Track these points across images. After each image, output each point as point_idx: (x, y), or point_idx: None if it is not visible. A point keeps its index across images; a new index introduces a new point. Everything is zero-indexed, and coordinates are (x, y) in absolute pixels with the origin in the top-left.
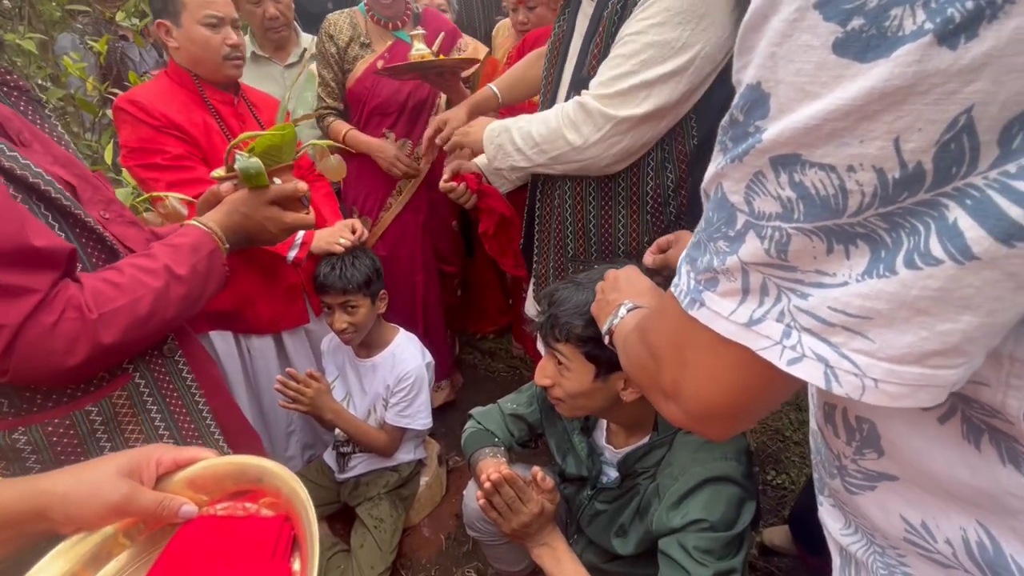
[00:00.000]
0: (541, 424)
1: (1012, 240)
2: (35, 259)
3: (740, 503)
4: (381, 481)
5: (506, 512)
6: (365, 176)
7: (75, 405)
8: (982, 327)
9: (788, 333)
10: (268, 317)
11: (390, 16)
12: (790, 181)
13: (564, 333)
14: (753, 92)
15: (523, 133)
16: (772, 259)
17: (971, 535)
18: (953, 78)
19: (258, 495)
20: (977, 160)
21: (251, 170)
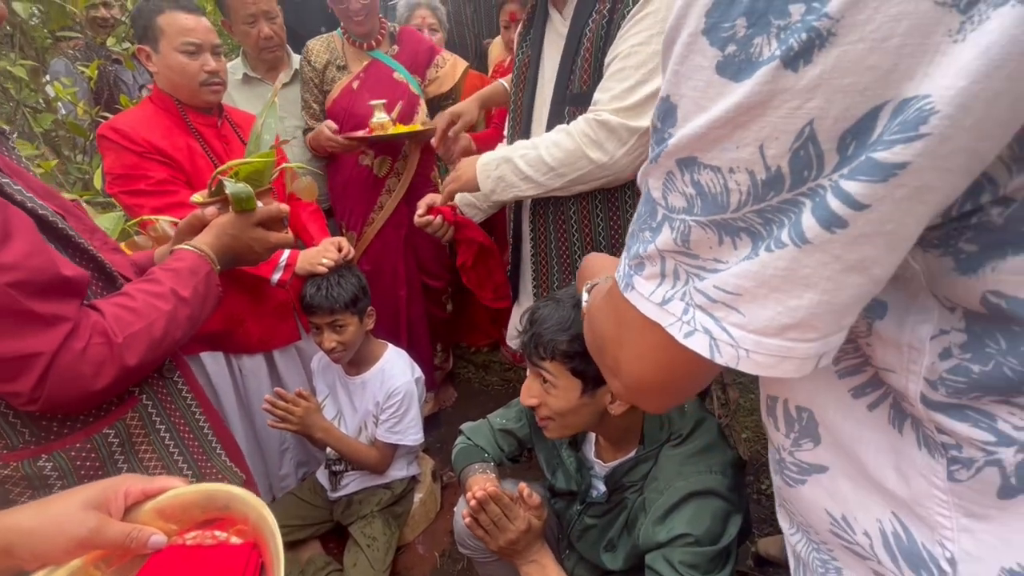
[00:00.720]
0: (531, 439)
1: (832, 227)
2: (65, 288)
3: (726, 517)
4: (374, 499)
5: (492, 530)
6: (349, 192)
7: (94, 429)
8: (822, 304)
9: (687, 310)
10: (259, 336)
11: (363, 35)
12: (691, 180)
13: (549, 351)
14: (665, 104)
15: (530, 160)
16: (679, 247)
17: (887, 527)
18: (797, 96)
19: (228, 523)
20: (822, 165)
21: (242, 195)
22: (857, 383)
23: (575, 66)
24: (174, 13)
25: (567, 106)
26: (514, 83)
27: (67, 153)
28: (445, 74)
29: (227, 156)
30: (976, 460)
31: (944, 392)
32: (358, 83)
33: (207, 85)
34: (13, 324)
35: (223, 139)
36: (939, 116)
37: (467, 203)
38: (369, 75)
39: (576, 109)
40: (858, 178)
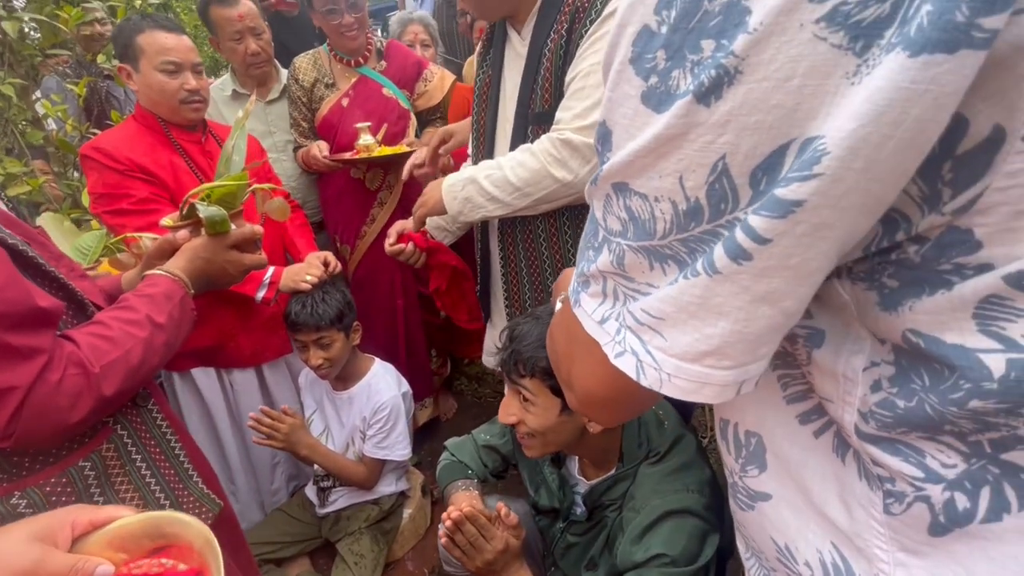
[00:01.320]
0: (514, 455)
1: (738, 259)
2: (40, 319)
3: (703, 536)
4: (362, 515)
5: (469, 550)
6: (342, 205)
7: (69, 462)
8: (735, 334)
9: (619, 330)
10: (251, 349)
11: (353, 50)
12: (624, 204)
13: (529, 368)
14: (602, 128)
15: (495, 180)
16: (615, 269)
17: (827, 557)
18: (709, 131)
19: (176, 551)
20: (737, 199)
21: (216, 218)
22: (803, 409)
23: (536, 85)
24: (154, 32)
25: (530, 125)
26: (476, 103)
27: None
28: (434, 87)
29: (212, 171)
30: (907, 495)
31: (874, 425)
32: (347, 100)
33: (187, 103)
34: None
35: (207, 155)
36: (830, 157)
37: (436, 226)
38: (358, 92)
39: (539, 128)
40: (761, 213)
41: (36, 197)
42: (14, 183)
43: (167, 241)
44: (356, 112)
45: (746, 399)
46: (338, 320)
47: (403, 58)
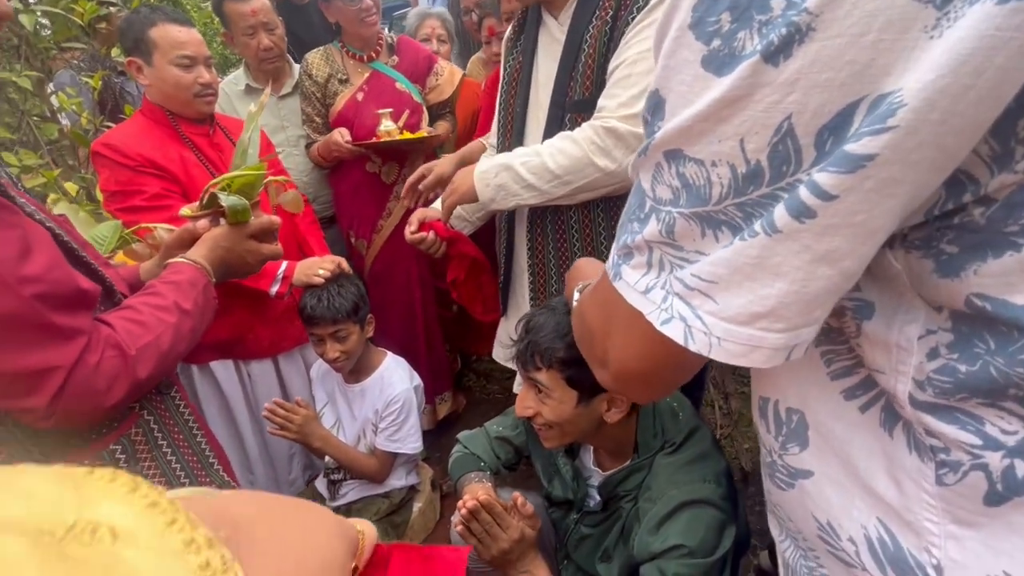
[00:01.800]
0: (527, 447)
1: (801, 217)
2: (81, 301)
3: (720, 527)
4: (372, 508)
5: (485, 539)
6: (357, 200)
7: (102, 444)
8: (791, 294)
9: (665, 298)
10: (269, 340)
11: (368, 41)
12: (677, 172)
13: (546, 359)
14: (654, 97)
15: (532, 167)
16: (664, 238)
17: (872, 533)
18: (776, 91)
19: None
20: (801, 161)
21: (237, 207)
22: (849, 384)
23: (575, 72)
24: (166, 26)
25: (568, 112)
26: (504, 90)
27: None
28: (444, 82)
29: (222, 164)
30: (963, 464)
31: (931, 392)
32: (362, 95)
33: (201, 97)
34: (34, 337)
35: (216, 147)
36: (906, 109)
37: (457, 215)
38: (372, 86)
39: (579, 115)
40: (828, 169)
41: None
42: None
43: (187, 231)
44: (371, 106)
45: (788, 376)
46: (354, 312)
47: (414, 53)
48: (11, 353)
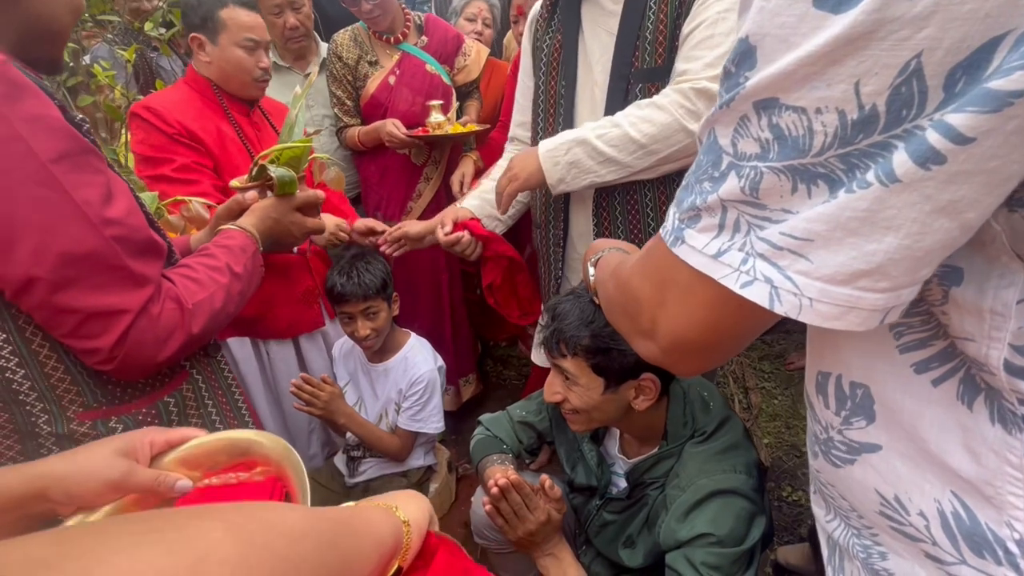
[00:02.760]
0: (550, 432)
1: (928, 163)
2: (153, 250)
3: (750, 518)
4: (391, 486)
5: (512, 519)
6: (385, 182)
7: (156, 396)
8: (901, 249)
9: (745, 260)
10: (287, 322)
11: (385, 30)
12: (769, 123)
13: (571, 347)
14: (743, 45)
15: (612, 139)
16: (746, 196)
17: (946, 507)
18: (907, 25)
19: (250, 465)
20: (925, 103)
21: (286, 179)
22: (921, 358)
23: (641, 40)
24: (236, 9)
25: (639, 83)
26: (540, 71)
27: (104, 136)
28: (472, 62)
29: (259, 142)
30: None
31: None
32: (394, 78)
33: (260, 81)
34: (109, 279)
35: (255, 127)
36: None
37: (487, 214)
38: (404, 69)
39: (651, 85)
40: (966, 109)
41: None
42: None
43: (236, 201)
44: (404, 90)
45: (851, 350)
46: (383, 289)
47: (443, 32)
48: (88, 292)
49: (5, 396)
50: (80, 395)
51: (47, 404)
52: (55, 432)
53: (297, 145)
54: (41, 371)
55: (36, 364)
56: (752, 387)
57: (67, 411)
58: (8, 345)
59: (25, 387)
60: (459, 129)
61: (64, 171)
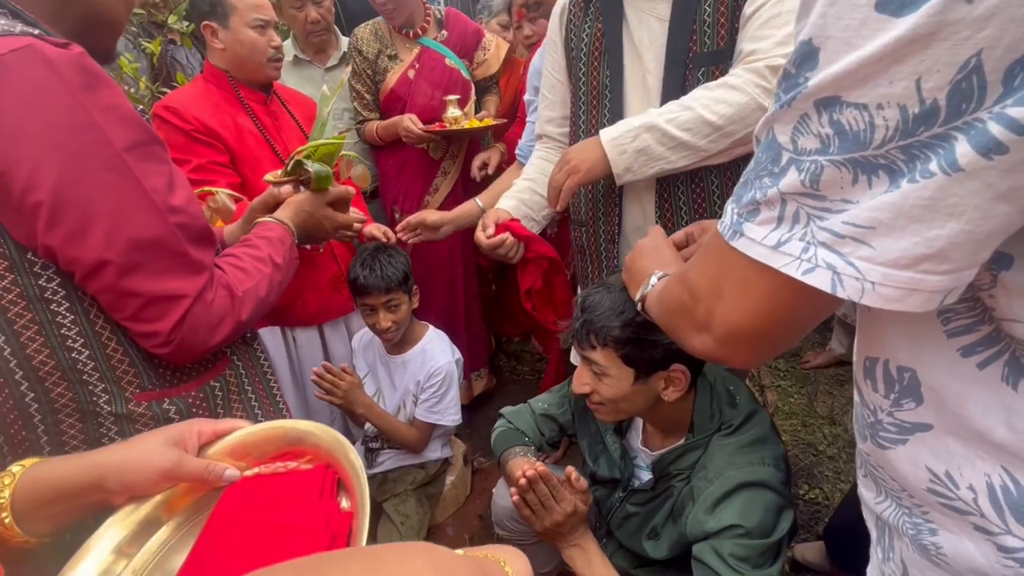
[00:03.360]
0: (572, 425)
1: (990, 153)
2: (209, 238)
3: (778, 511)
4: (408, 478)
5: (539, 510)
6: (403, 176)
7: (203, 380)
8: (963, 234)
9: (806, 249)
10: (316, 308)
11: (404, 24)
12: (830, 120)
13: (602, 338)
14: (805, 47)
15: (683, 123)
16: (807, 188)
17: (995, 480)
18: (968, 26)
19: (298, 454)
20: (984, 97)
21: (322, 173)
22: (968, 342)
23: (698, 24)
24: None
25: (700, 67)
26: (579, 63)
27: None
28: (492, 56)
29: (277, 132)
30: None
31: None
32: (413, 72)
33: (273, 60)
34: (171, 264)
35: (272, 115)
36: None
37: (523, 215)
38: (423, 63)
39: (715, 68)
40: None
41: None
42: None
43: (271, 195)
44: (423, 84)
45: (899, 336)
46: (404, 281)
47: (463, 26)
48: (151, 276)
49: (71, 376)
50: (137, 376)
51: (108, 384)
52: (114, 412)
53: (332, 142)
54: (103, 352)
55: (99, 345)
56: (768, 385)
57: (125, 391)
58: (76, 326)
59: (89, 367)
60: (475, 124)
61: (135, 159)
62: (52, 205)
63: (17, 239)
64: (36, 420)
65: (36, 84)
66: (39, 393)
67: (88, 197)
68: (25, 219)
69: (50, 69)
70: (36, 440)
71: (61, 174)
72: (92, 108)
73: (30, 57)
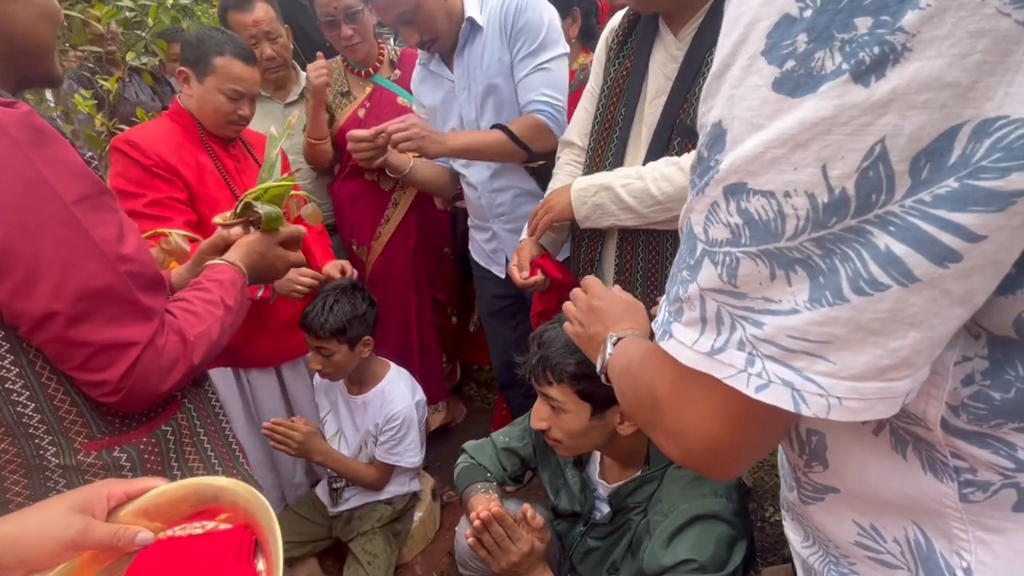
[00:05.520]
0: (534, 458)
1: (945, 262)
2: (159, 285)
3: (731, 542)
4: (375, 515)
5: (495, 551)
6: (356, 208)
7: (154, 425)
8: (925, 340)
9: (751, 361)
10: (268, 351)
11: (361, 61)
12: (737, 208)
13: (557, 374)
14: (715, 130)
15: (634, 191)
16: (724, 284)
17: (911, 534)
18: (867, 111)
19: (214, 512)
20: (893, 189)
21: (273, 215)
22: None
23: (690, 95)
24: (232, 60)
25: (677, 137)
26: (605, 95)
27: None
28: None
29: (238, 175)
30: (993, 483)
31: (966, 419)
32: (364, 110)
33: (232, 124)
34: (120, 311)
35: (234, 158)
36: None
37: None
38: (374, 102)
39: (688, 142)
40: (971, 209)
41: None
42: None
43: (220, 237)
44: (372, 123)
45: None
46: (339, 332)
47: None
48: (101, 325)
49: (16, 430)
50: (85, 426)
51: (55, 436)
52: (63, 464)
53: (282, 184)
54: (50, 404)
55: (46, 397)
56: None
57: (74, 442)
58: (21, 379)
59: (35, 420)
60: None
61: (84, 211)
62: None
63: None
64: None
65: None
66: None
67: (36, 250)
68: None
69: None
70: None
71: (9, 229)
72: (40, 164)
73: None
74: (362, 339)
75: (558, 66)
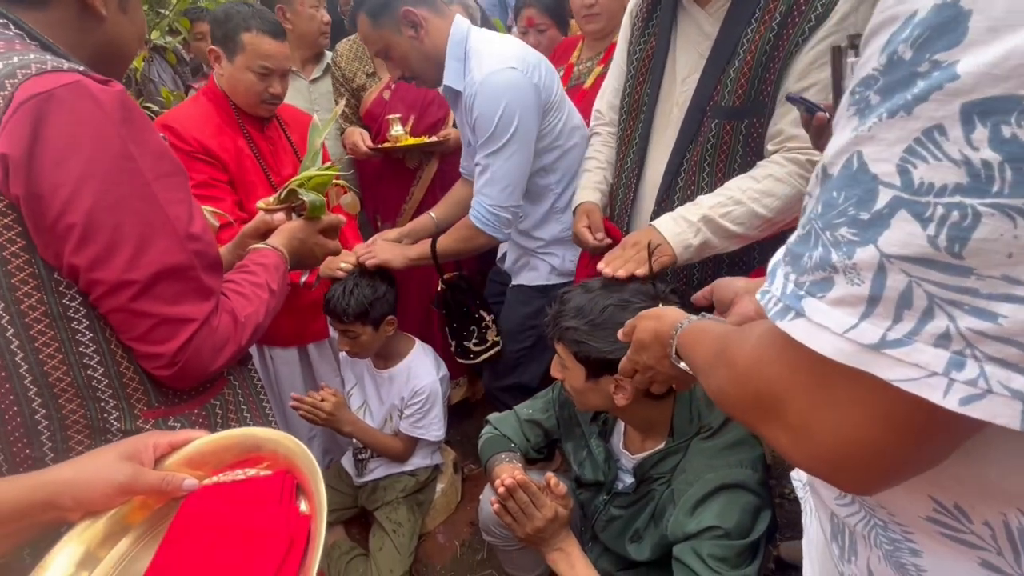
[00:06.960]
0: (558, 430)
1: None
2: (219, 266)
3: (756, 511)
4: (399, 485)
5: (520, 517)
6: (381, 185)
7: (205, 398)
8: None
9: (959, 363)
10: (292, 331)
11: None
12: (993, 137)
13: (558, 333)
14: (942, 13)
15: (738, 217)
16: (936, 251)
17: (1013, 520)
18: None
19: (256, 461)
20: None
21: (316, 203)
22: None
23: (724, 76)
24: (261, 36)
25: (715, 118)
26: (631, 75)
27: None
28: None
29: (272, 157)
30: None
31: None
32: (388, 92)
33: (266, 103)
34: (185, 289)
35: (269, 140)
36: None
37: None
38: (399, 84)
39: (727, 123)
40: None
41: None
42: None
43: (262, 221)
44: (397, 104)
45: None
46: (362, 315)
47: None
48: (166, 300)
49: (85, 393)
50: (145, 394)
51: (120, 401)
52: (123, 428)
53: (325, 173)
54: (117, 370)
55: (114, 363)
56: None
57: (135, 409)
58: (94, 344)
59: (103, 384)
60: (410, 141)
61: (162, 189)
62: (84, 227)
63: (46, 259)
64: (44, 437)
65: (82, 117)
66: (51, 410)
67: (119, 222)
68: (56, 240)
69: (95, 104)
70: (41, 458)
71: (96, 200)
72: (129, 141)
73: (78, 92)
74: (385, 319)
75: (498, 160)
